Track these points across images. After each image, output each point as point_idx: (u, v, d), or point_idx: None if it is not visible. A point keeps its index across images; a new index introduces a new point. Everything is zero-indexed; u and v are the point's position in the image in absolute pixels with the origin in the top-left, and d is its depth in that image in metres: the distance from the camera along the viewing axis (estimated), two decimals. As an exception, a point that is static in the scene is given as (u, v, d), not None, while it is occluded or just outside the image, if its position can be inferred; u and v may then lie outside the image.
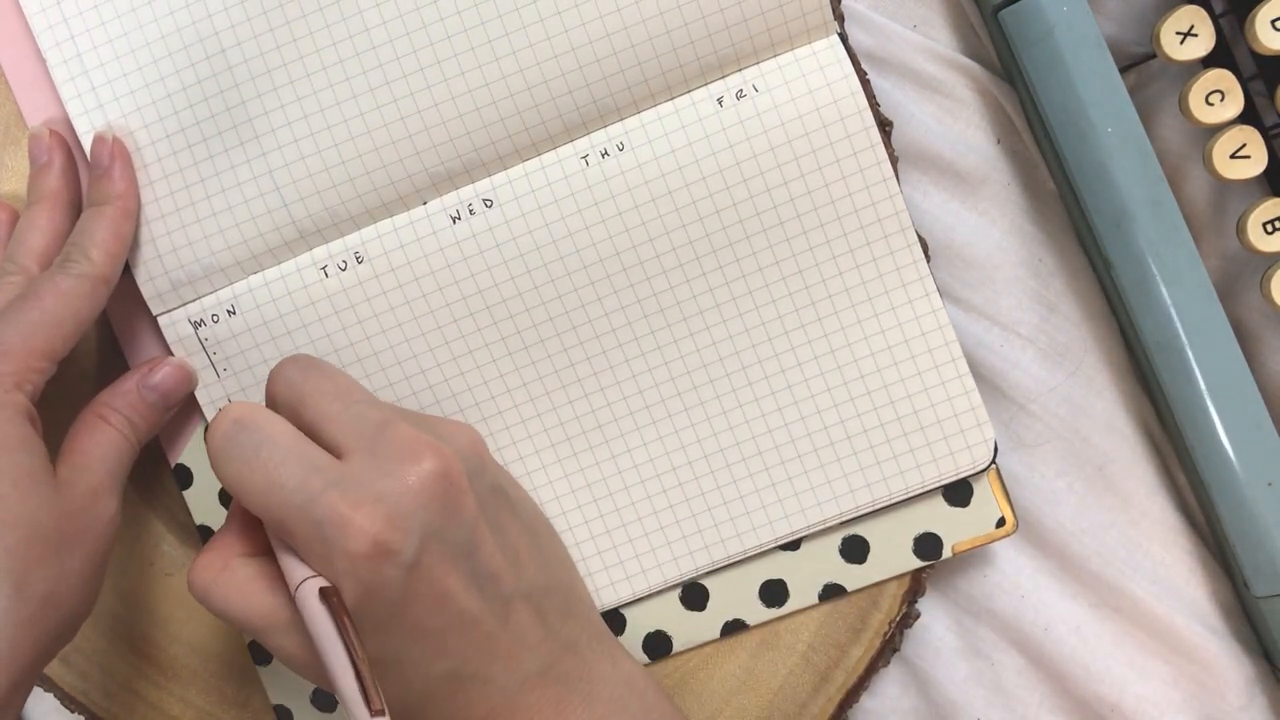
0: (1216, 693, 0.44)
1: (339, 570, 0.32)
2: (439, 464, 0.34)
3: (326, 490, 0.33)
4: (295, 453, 0.34)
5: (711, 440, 0.41)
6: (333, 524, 0.32)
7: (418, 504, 0.33)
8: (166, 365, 0.40)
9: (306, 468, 0.33)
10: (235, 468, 0.34)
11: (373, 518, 0.32)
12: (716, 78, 0.39)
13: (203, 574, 0.35)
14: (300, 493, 0.33)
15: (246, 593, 0.35)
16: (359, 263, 0.40)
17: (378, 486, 0.33)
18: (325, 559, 0.33)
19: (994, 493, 0.42)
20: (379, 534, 0.32)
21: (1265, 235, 0.41)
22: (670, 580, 0.42)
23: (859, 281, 0.40)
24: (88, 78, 0.40)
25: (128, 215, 0.39)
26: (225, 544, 0.36)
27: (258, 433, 0.34)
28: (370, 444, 0.34)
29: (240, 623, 0.35)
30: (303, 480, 0.33)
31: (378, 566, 0.32)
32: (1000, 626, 0.45)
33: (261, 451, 0.34)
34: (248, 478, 0.34)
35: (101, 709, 0.43)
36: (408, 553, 0.33)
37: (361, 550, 0.32)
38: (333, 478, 0.33)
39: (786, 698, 0.43)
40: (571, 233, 0.40)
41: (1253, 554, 0.41)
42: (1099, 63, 0.40)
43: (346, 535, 0.32)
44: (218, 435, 0.35)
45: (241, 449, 0.34)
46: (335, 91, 0.39)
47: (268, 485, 0.33)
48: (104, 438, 0.38)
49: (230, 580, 0.35)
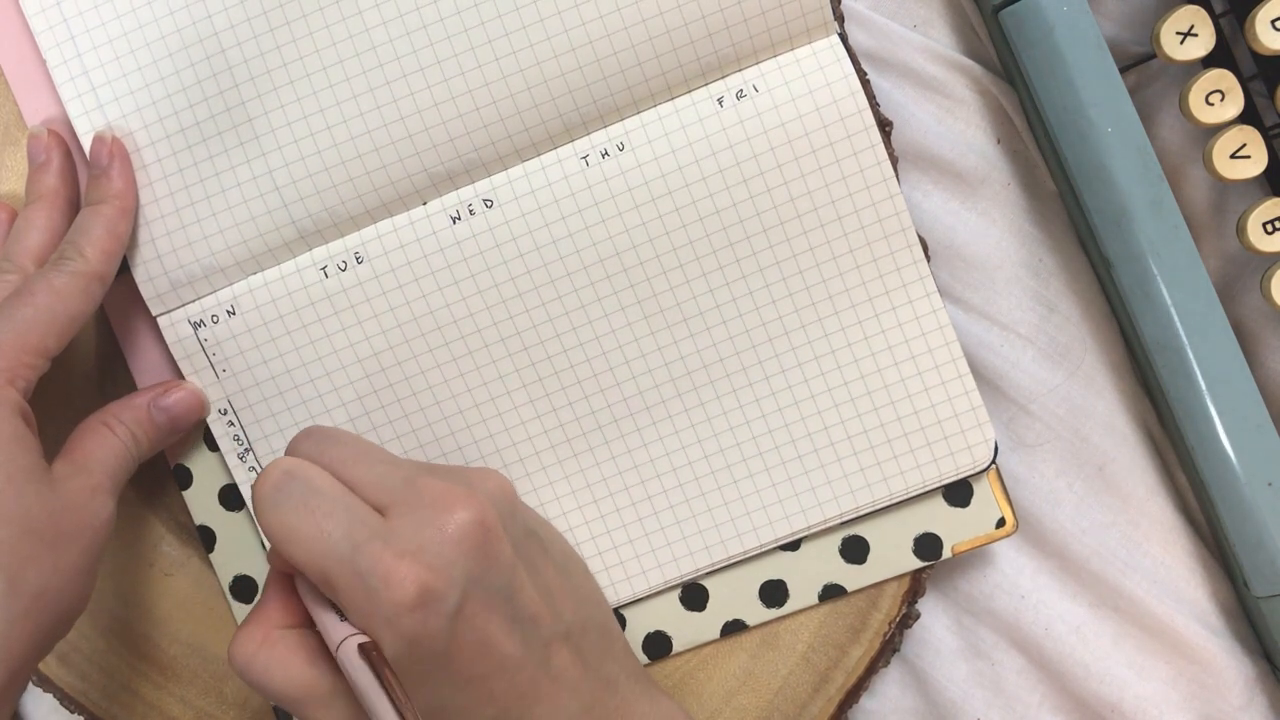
0: (1216, 693, 0.44)
1: (383, 621, 0.32)
2: (474, 512, 0.34)
3: (371, 541, 0.33)
4: (343, 504, 0.34)
5: (711, 440, 0.41)
6: (378, 574, 0.32)
7: (458, 553, 0.33)
8: (181, 390, 0.41)
9: (353, 520, 0.33)
10: (283, 516, 0.34)
11: (416, 568, 0.32)
12: (716, 78, 0.39)
13: (243, 648, 0.35)
14: (345, 543, 0.33)
15: (287, 665, 0.34)
16: (359, 263, 0.40)
17: (418, 538, 0.33)
18: (368, 611, 0.32)
19: (994, 493, 0.42)
20: (424, 583, 0.32)
21: (1265, 235, 0.41)
22: (670, 580, 0.42)
23: (859, 281, 0.40)
24: (87, 78, 0.40)
25: (125, 214, 0.39)
26: (264, 617, 0.36)
27: (307, 484, 0.34)
28: (403, 500, 0.34)
29: (280, 695, 0.35)
30: (348, 530, 0.33)
31: (423, 616, 0.32)
32: (1000, 627, 0.45)
33: (310, 501, 0.34)
34: (295, 527, 0.34)
35: (100, 709, 0.43)
36: (451, 601, 0.33)
37: (407, 600, 0.32)
38: (377, 530, 0.33)
39: (786, 698, 0.43)
40: (571, 233, 0.40)
41: (1253, 554, 0.41)
42: (1099, 63, 0.40)
43: (391, 585, 0.32)
44: (268, 485, 0.35)
45: (290, 499, 0.34)
46: (335, 91, 0.39)
47: (314, 535, 0.33)
48: (106, 443, 0.38)
49: (270, 654, 0.35)
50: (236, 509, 0.43)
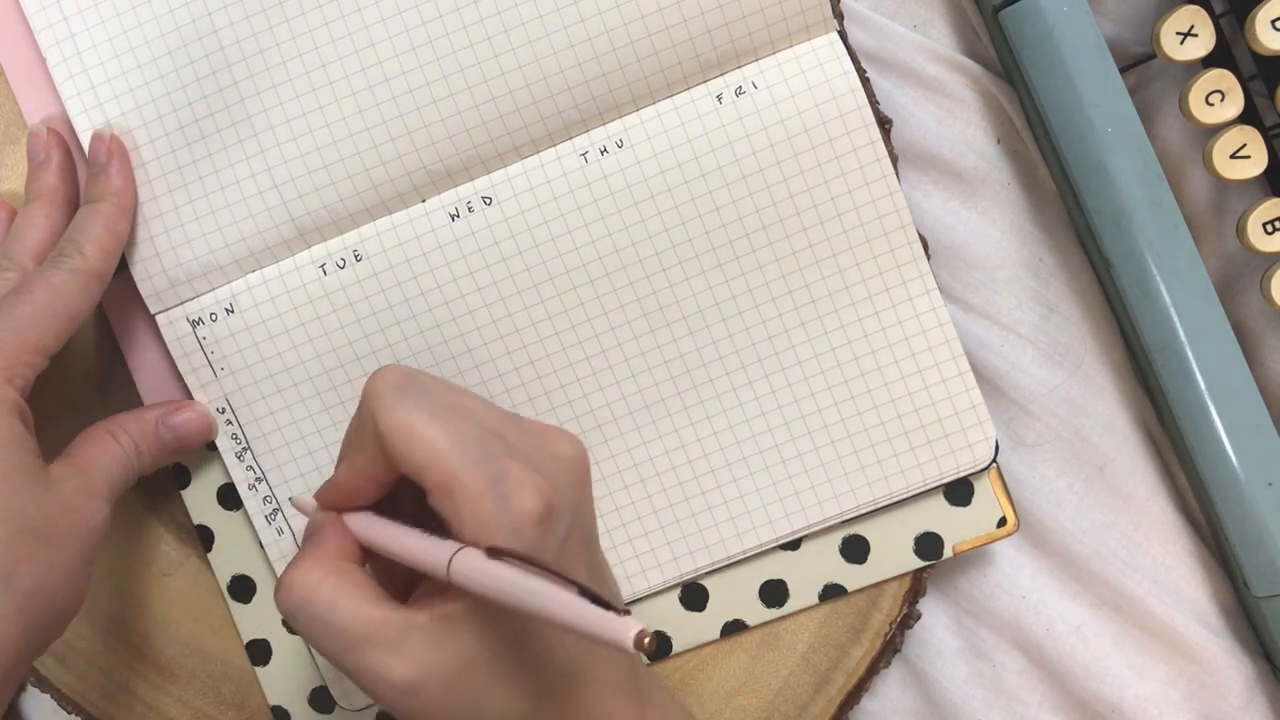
0: (1216, 693, 0.44)
1: (507, 531, 0.31)
2: (578, 450, 0.35)
3: (501, 452, 0.32)
4: (471, 412, 0.33)
5: (711, 439, 0.41)
6: (511, 481, 0.31)
7: (568, 481, 0.33)
8: (191, 410, 0.41)
9: (483, 429, 0.33)
10: (408, 414, 0.32)
11: (545, 484, 0.32)
12: (716, 75, 0.39)
13: (306, 577, 0.32)
14: (479, 447, 0.32)
15: (357, 600, 0.32)
16: (357, 261, 0.40)
17: (537, 459, 0.33)
18: (492, 519, 0.31)
19: (995, 492, 0.41)
20: (550, 501, 0.32)
21: (1265, 235, 0.41)
22: (670, 580, 0.42)
23: (859, 280, 0.40)
24: (87, 76, 0.40)
25: (123, 212, 0.39)
26: (324, 552, 0.34)
27: (433, 389, 0.33)
28: (513, 428, 0.34)
29: (342, 632, 0.32)
30: (479, 437, 0.32)
31: (543, 532, 0.31)
32: (1001, 627, 0.45)
33: (436, 404, 0.32)
34: (424, 425, 0.32)
35: (98, 709, 0.43)
36: (564, 524, 0.32)
37: (535, 512, 0.31)
38: (505, 443, 0.33)
39: (787, 699, 0.42)
40: (570, 230, 0.40)
41: (1253, 554, 0.41)
42: (1099, 63, 0.40)
43: (524, 495, 0.31)
44: (388, 383, 0.33)
45: (416, 398, 0.33)
46: (333, 89, 0.39)
47: (444, 436, 0.32)
48: (108, 451, 0.38)
49: (339, 585, 0.32)
50: (234, 508, 0.43)
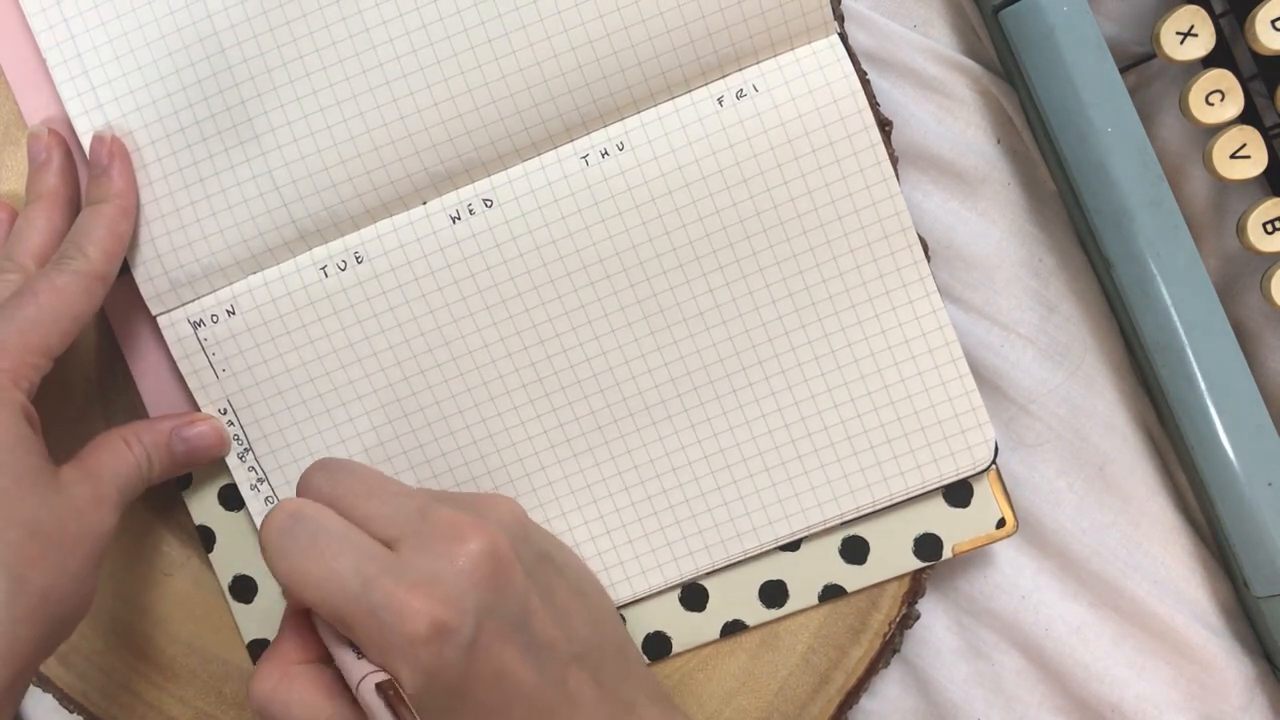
0: (1216, 693, 0.44)
1: (398, 656, 0.32)
2: (485, 542, 0.34)
3: (381, 576, 0.33)
4: (350, 542, 0.34)
5: (711, 440, 0.41)
6: (390, 609, 0.32)
7: (470, 583, 0.33)
8: (205, 424, 0.41)
9: (361, 556, 0.33)
10: (292, 560, 0.34)
11: (429, 601, 0.32)
12: (716, 77, 0.39)
13: (262, 684, 0.34)
14: (356, 580, 0.33)
15: (306, 701, 0.34)
16: (359, 263, 0.40)
17: (429, 570, 0.33)
18: (383, 646, 0.32)
19: (994, 493, 0.41)
20: (436, 616, 0.32)
21: (1265, 235, 0.41)
22: (670, 581, 0.42)
23: (859, 281, 0.40)
24: (87, 77, 0.40)
25: (126, 213, 0.39)
26: (282, 653, 0.35)
27: (313, 524, 0.34)
28: (415, 532, 0.34)
29: None
30: (357, 568, 0.33)
31: (438, 649, 0.32)
32: (1000, 627, 0.45)
33: (318, 541, 0.34)
34: (305, 568, 0.34)
35: (100, 709, 0.43)
36: (465, 632, 0.33)
37: (421, 633, 0.32)
38: (387, 564, 0.33)
39: (786, 699, 0.43)
40: (571, 232, 0.40)
41: (1253, 554, 0.41)
42: (1099, 63, 0.40)
43: (404, 619, 0.32)
44: (273, 530, 0.35)
45: (298, 541, 0.34)
46: (335, 91, 0.39)
47: (324, 575, 0.33)
48: (120, 457, 0.38)
49: (289, 689, 0.34)
50: (236, 509, 0.43)
